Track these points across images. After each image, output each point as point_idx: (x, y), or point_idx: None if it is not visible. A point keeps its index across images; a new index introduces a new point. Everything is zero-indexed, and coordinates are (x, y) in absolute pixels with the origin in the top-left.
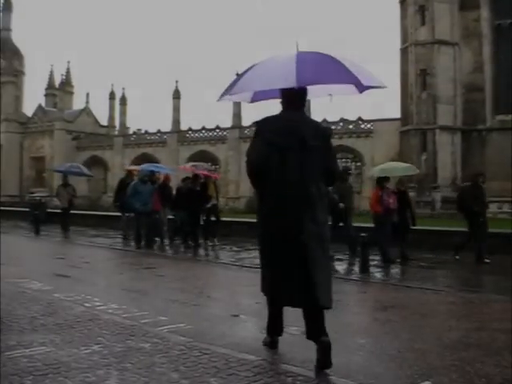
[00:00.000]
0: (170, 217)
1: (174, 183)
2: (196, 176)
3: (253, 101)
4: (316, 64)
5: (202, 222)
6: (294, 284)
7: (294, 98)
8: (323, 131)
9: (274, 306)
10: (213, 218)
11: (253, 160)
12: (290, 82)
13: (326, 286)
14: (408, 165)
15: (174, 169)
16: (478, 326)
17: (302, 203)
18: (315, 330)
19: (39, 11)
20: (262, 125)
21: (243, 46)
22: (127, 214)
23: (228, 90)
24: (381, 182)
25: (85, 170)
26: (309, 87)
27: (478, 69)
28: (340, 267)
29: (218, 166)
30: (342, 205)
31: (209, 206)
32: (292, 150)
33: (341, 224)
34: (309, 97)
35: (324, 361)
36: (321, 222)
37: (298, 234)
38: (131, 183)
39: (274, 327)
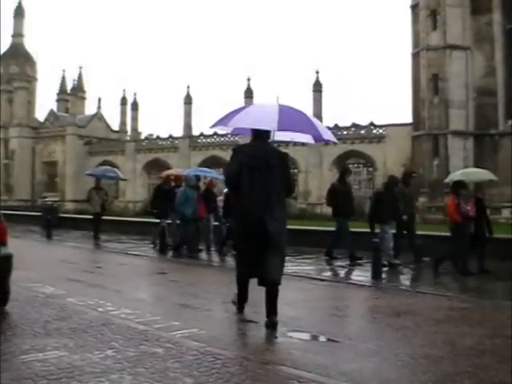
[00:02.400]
0: (215, 223)
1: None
2: None
3: (232, 134)
4: (292, 116)
5: None
6: (257, 262)
7: (263, 133)
8: (281, 155)
9: (242, 280)
10: None
11: (226, 174)
12: (272, 127)
13: (279, 264)
14: (486, 170)
15: (220, 173)
16: (492, 332)
17: (265, 206)
18: (269, 306)
19: (51, 17)
20: (238, 150)
21: (255, 50)
22: (167, 221)
23: (222, 122)
24: (457, 187)
25: (120, 173)
26: (277, 132)
27: (490, 73)
28: (357, 272)
29: None
30: (405, 217)
31: None
32: (258, 168)
33: (404, 232)
34: (275, 138)
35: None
36: (278, 219)
37: (262, 228)
38: (180, 189)
39: (242, 297)
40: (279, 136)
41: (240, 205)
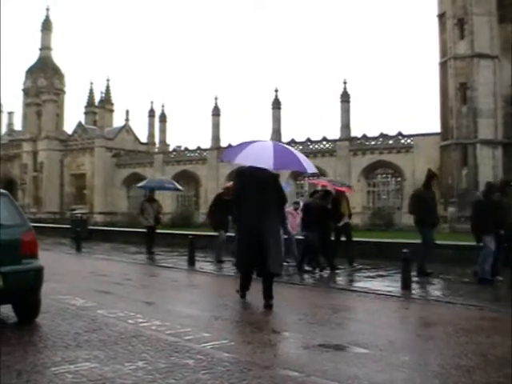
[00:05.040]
0: (285, 236)
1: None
2: (327, 191)
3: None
4: (284, 157)
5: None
6: (255, 258)
7: None
8: (273, 176)
9: (243, 271)
10: (343, 238)
11: (233, 194)
12: (269, 166)
13: (276, 260)
14: None
15: (289, 183)
16: None
17: (261, 216)
18: (266, 292)
19: (79, 30)
20: (240, 173)
21: (284, 61)
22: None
23: (229, 156)
24: None
25: (177, 184)
26: None
27: None
28: (381, 283)
29: None
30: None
31: (340, 224)
32: (255, 187)
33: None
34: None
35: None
36: (272, 225)
37: (259, 231)
38: None
39: (244, 285)
40: None
41: (243, 215)
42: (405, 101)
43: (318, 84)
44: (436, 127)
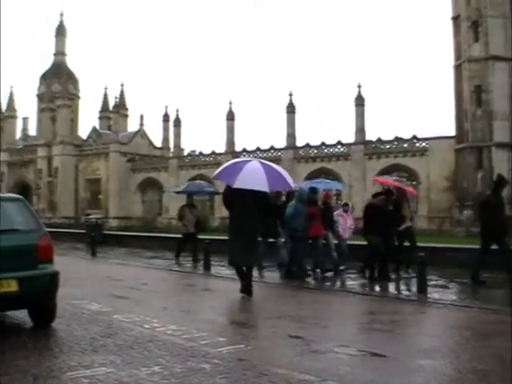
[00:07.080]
0: (335, 241)
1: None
2: (389, 192)
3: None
4: (274, 177)
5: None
6: (243, 253)
7: None
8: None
9: (234, 266)
10: (406, 243)
11: (223, 200)
12: (265, 189)
13: (255, 256)
14: None
15: (344, 185)
16: None
17: (248, 219)
18: (248, 282)
19: (93, 35)
20: (229, 186)
21: (297, 65)
22: (283, 240)
23: (228, 180)
24: None
25: (216, 187)
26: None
27: None
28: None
29: None
30: None
31: (401, 228)
32: (243, 196)
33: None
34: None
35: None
36: (256, 226)
37: (247, 230)
38: (290, 203)
39: (242, 278)
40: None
41: (234, 219)
42: (419, 104)
43: (332, 87)
44: (451, 130)
